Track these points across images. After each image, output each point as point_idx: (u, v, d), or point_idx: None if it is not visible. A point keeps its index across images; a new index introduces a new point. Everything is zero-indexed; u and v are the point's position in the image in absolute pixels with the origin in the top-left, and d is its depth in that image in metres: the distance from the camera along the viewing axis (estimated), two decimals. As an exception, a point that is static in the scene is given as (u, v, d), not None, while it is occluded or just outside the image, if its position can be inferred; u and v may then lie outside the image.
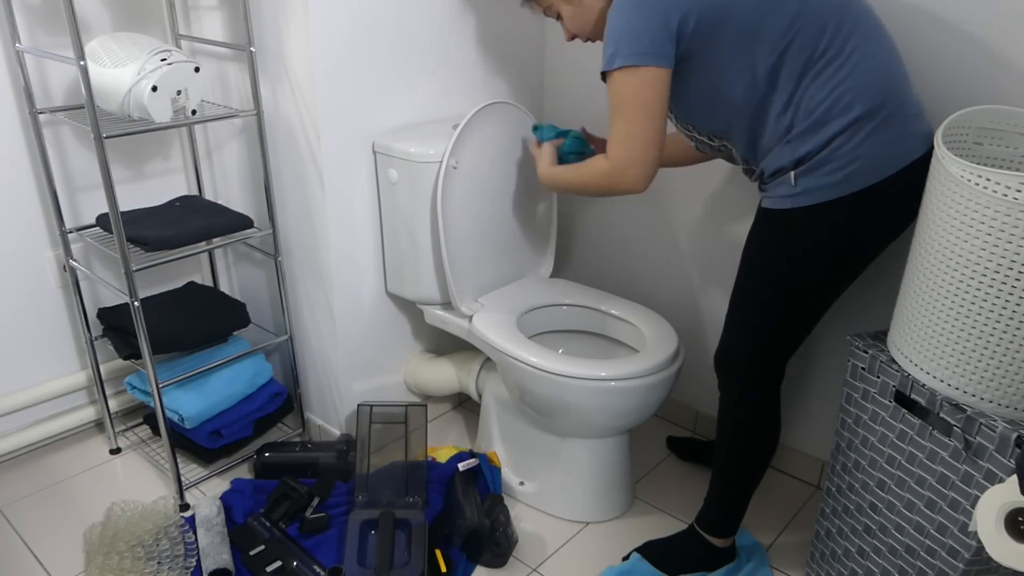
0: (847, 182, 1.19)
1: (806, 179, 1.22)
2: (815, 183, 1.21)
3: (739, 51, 1.20)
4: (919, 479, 1.23)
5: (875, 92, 1.17)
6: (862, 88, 1.17)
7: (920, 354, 1.19)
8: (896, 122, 1.18)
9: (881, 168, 1.19)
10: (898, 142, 1.19)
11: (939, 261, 1.13)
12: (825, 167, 1.20)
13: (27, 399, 1.84)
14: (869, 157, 1.18)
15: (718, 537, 1.53)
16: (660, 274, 1.99)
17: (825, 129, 1.19)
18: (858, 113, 1.17)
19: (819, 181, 1.21)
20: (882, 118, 1.18)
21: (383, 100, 1.69)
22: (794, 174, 1.23)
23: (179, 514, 1.65)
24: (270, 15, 1.58)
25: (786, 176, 1.24)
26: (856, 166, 1.18)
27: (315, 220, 1.70)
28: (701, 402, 2.04)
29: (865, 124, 1.17)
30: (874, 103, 1.17)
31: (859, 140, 1.18)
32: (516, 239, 1.86)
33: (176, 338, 1.70)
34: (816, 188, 1.21)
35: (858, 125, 1.17)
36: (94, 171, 1.82)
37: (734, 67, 1.22)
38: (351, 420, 1.90)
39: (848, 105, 1.17)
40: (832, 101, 1.18)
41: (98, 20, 1.73)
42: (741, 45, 1.20)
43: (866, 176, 1.19)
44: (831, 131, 1.18)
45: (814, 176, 1.21)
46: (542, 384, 1.55)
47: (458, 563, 1.55)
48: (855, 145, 1.18)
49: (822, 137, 1.19)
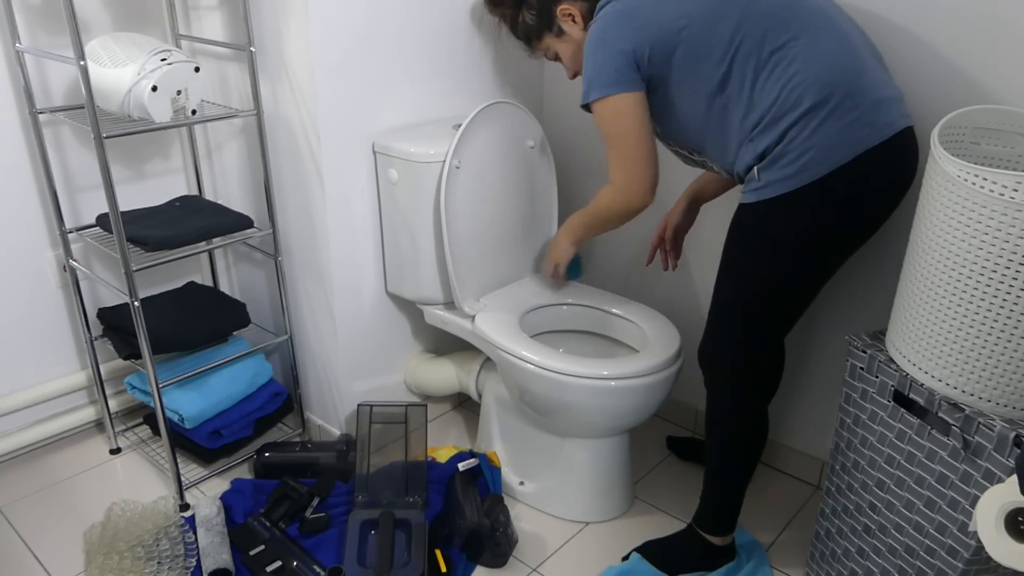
0: (803, 172, 1.23)
1: (767, 172, 1.27)
2: (775, 176, 1.26)
3: (693, 69, 1.30)
4: (918, 479, 1.23)
5: (822, 84, 1.21)
6: (810, 82, 1.21)
7: (918, 353, 1.19)
8: (847, 111, 1.21)
9: (834, 156, 1.22)
10: (850, 130, 1.22)
11: (937, 260, 1.13)
12: (782, 159, 1.24)
13: (27, 399, 1.84)
14: (821, 146, 1.22)
15: (716, 535, 1.53)
16: (660, 273, 1.99)
17: (780, 124, 1.24)
18: (807, 105, 1.21)
19: (778, 173, 1.25)
20: (831, 108, 1.21)
21: (383, 100, 1.69)
22: (757, 169, 1.28)
23: (179, 514, 1.65)
24: (270, 15, 1.58)
25: (752, 172, 1.30)
26: (810, 156, 1.22)
27: (315, 220, 1.70)
28: (701, 402, 2.04)
29: (815, 115, 1.21)
30: (822, 94, 1.21)
31: (811, 131, 1.22)
32: (517, 239, 1.86)
33: (176, 338, 1.71)
34: (776, 180, 1.26)
35: (809, 116, 1.22)
36: (94, 171, 1.82)
37: (692, 84, 1.32)
38: (351, 420, 1.90)
39: (798, 99, 1.22)
40: (783, 97, 1.23)
41: (98, 20, 1.74)
42: (693, 64, 1.30)
43: (821, 165, 1.22)
44: (785, 125, 1.23)
45: (773, 169, 1.26)
46: (542, 384, 1.55)
47: (458, 563, 1.55)
48: (807, 136, 1.22)
49: (777, 131, 1.24)
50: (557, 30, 1.53)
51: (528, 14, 1.56)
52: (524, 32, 1.59)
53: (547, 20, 1.53)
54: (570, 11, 1.49)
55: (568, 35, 1.52)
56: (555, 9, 1.50)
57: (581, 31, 1.49)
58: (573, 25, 1.50)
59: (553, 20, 1.52)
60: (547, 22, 1.53)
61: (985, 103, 1.37)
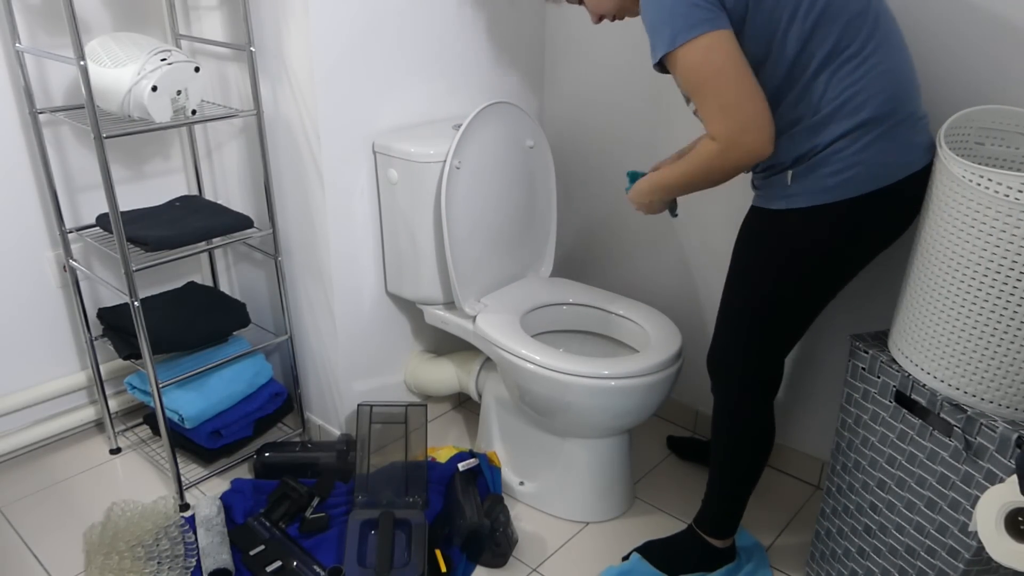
0: (844, 187, 1.17)
1: (803, 180, 1.20)
2: (812, 185, 1.19)
3: (768, 34, 1.15)
4: (919, 479, 1.23)
5: (886, 98, 1.14)
6: (875, 91, 1.14)
7: (921, 354, 1.19)
8: (902, 132, 1.16)
9: (880, 176, 1.16)
10: (901, 152, 1.16)
11: (941, 261, 1.13)
12: (824, 168, 1.17)
13: (27, 399, 1.84)
14: (870, 164, 1.15)
15: (717, 538, 1.53)
16: (660, 273, 1.99)
17: (830, 128, 1.16)
18: (866, 117, 1.14)
19: (815, 183, 1.18)
20: (889, 125, 1.15)
21: (383, 100, 1.69)
22: (791, 173, 1.21)
23: (179, 514, 1.65)
24: (270, 15, 1.58)
25: (782, 174, 1.22)
26: (855, 171, 1.16)
27: (315, 220, 1.70)
28: (701, 402, 2.04)
29: (871, 129, 1.14)
30: (883, 109, 1.14)
31: (862, 145, 1.15)
32: (517, 239, 1.86)
33: (176, 338, 1.70)
34: (812, 190, 1.19)
35: (864, 129, 1.14)
36: (94, 171, 1.82)
37: (761, 49, 1.16)
38: (351, 420, 1.90)
39: (858, 107, 1.14)
40: (843, 100, 1.14)
41: (98, 20, 1.73)
42: (771, 28, 1.14)
43: (864, 183, 1.16)
44: (836, 132, 1.15)
45: (811, 177, 1.19)
46: (542, 384, 1.55)
47: (458, 563, 1.55)
48: (858, 150, 1.15)
49: (826, 137, 1.16)
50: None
51: None
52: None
53: None
54: None
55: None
56: None
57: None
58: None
59: None
60: None
61: (990, 104, 1.36)
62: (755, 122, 1.13)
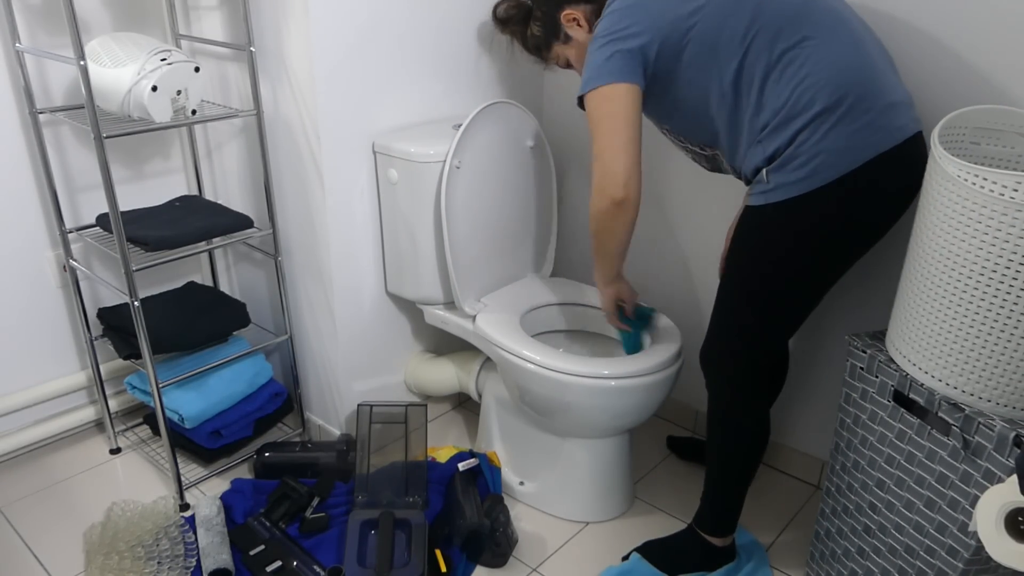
0: (814, 176, 1.22)
1: (776, 175, 1.25)
2: (784, 179, 1.24)
3: (703, 66, 1.28)
4: (918, 479, 1.23)
5: (835, 87, 1.19)
6: (822, 84, 1.20)
7: (918, 353, 1.19)
8: (858, 115, 1.20)
9: (845, 160, 1.21)
10: (862, 134, 1.20)
11: (937, 260, 1.13)
12: (792, 162, 1.23)
13: (27, 399, 1.84)
14: (832, 150, 1.20)
15: (716, 536, 1.53)
16: (660, 273, 1.99)
17: (790, 126, 1.22)
18: (819, 108, 1.20)
19: (788, 176, 1.24)
20: (842, 112, 1.20)
21: (383, 100, 1.69)
22: (766, 171, 1.27)
23: (179, 514, 1.65)
24: (270, 15, 1.58)
25: (761, 174, 1.28)
26: (820, 159, 1.21)
27: (315, 220, 1.70)
28: (701, 402, 2.04)
29: (827, 118, 1.20)
30: (834, 97, 1.19)
31: (822, 134, 1.20)
32: (517, 239, 1.86)
33: (176, 338, 1.71)
34: (786, 183, 1.24)
35: (820, 119, 1.20)
36: (94, 171, 1.82)
37: (701, 81, 1.30)
38: (351, 420, 1.90)
39: (809, 101, 1.20)
40: (795, 99, 1.21)
41: (98, 20, 1.74)
42: (703, 60, 1.28)
43: (831, 169, 1.21)
44: (795, 127, 1.22)
45: (783, 172, 1.24)
46: (542, 384, 1.55)
47: (458, 563, 1.55)
48: (818, 139, 1.20)
49: (788, 134, 1.23)
50: (564, 36, 1.52)
51: (535, 26, 1.57)
52: (534, 44, 1.60)
53: (553, 28, 1.53)
54: (574, 16, 1.49)
55: (575, 40, 1.51)
56: (559, 16, 1.50)
57: (587, 34, 1.49)
58: (579, 29, 1.50)
59: (559, 27, 1.52)
60: (553, 30, 1.53)
61: (985, 103, 1.36)
62: (615, 165, 1.29)
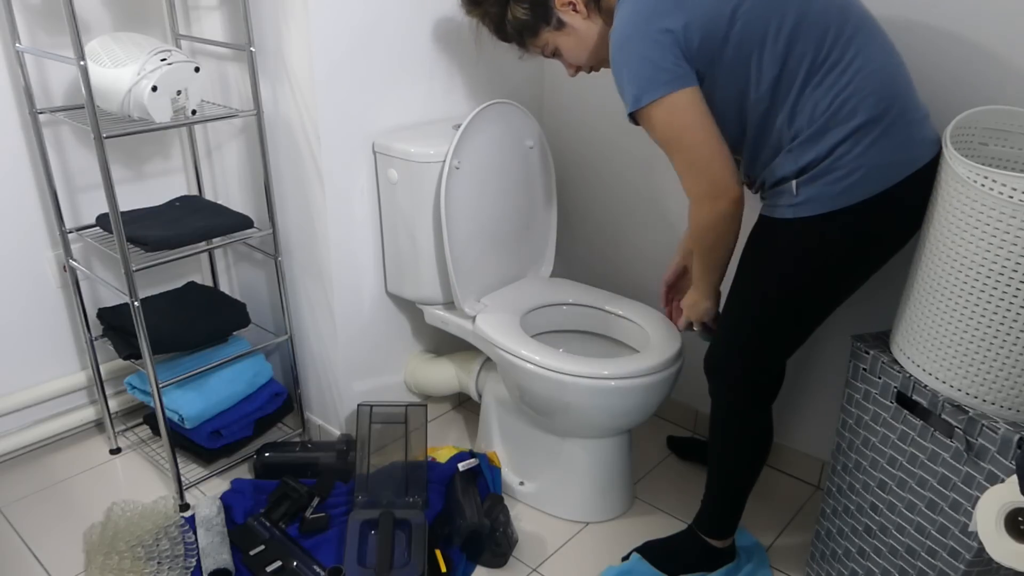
0: (851, 191, 1.16)
1: (808, 188, 1.19)
2: (817, 192, 1.18)
3: (741, 65, 1.18)
4: (920, 480, 1.22)
5: (878, 98, 1.14)
6: (865, 94, 1.14)
7: (923, 355, 1.19)
8: (900, 129, 1.15)
9: (885, 177, 1.16)
10: (903, 149, 1.16)
11: (944, 262, 1.13)
12: (828, 176, 1.17)
13: (27, 399, 1.84)
14: (873, 165, 1.15)
15: (716, 538, 1.53)
16: (660, 273, 1.99)
17: (828, 137, 1.16)
18: (861, 120, 1.14)
19: (822, 191, 1.18)
20: (886, 125, 1.15)
21: (383, 100, 1.69)
22: (796, 183, 1.20)
23: (179, 514, 1.65)
24: (270, 15, 1.57)
25: (788, 185, 1.22)
26: (860, 175, 1.15)
27: (315, 220, 1.70)
28: (701, 402, 2.04)
29: (869, 131, 1.14)
30: (877, 110, 1.14)
31: (863, 148, 1.15)
32: (517, 239, 1.86)
33: (176, 338, 1.70)
34: (819, 197, 1.18)
35: (861, 132, 1.14)
36: (94, 171, 1.82)
37: (737, 82, 1.20)
38: (351, 420, 1.90)
39: (851, 112, 1.14)
40: (835, 109, 1.15)
41: (98, 20, 1.73)
42: (743, 59, 1.18)
43: (870, 185, 1.16)
44: (834, 139, 1.15)
45: (816, 185, 1.18)
46: (542, 384, 1.55)
47: (458, 563, 1.55)
48: (858, 154, 1.15)
49: (824, 146, 1.16)
50: (556, 22, 1.38)
51: (519, 8, 1.39)
52: (516, 28, 1.42)
53: (543, 13, 1.38)
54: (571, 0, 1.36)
55: (570, 26, 1.38)
56: None
57: (585, 20, 1.37)
58: (575, 15, 1.37)
59: (551, 12, 1.37)
60: (543, 15, 1.38)
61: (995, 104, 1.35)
62: (720, 174, 1.20)
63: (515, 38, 1.45)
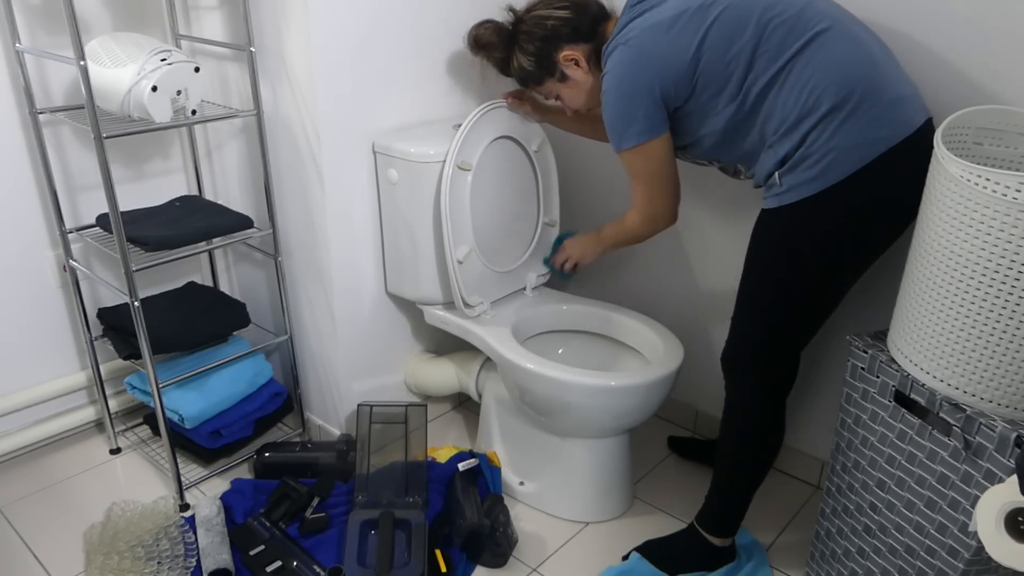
0: (825, 175, 1.22)
1: (788, 177, 1.27)
2: (796, 180, 1.25)
3: (713, 94, 1.31)
4: (919, 479, 1.23)
5: (840, 85, 1.21)
6: (827, 84, 1.21)
7: (920, 354, 1.19)
8: (867, 110, 1.21)
9: (856, 157, 1.21)
10: (871, 129, 1.21)
11: (939, 261, 1.13)
12: (804, 163, 1.24)
13: (27, 399, 1.84)
14: (843, 147, 1.21)
15: (718, 537, 1.53)
16: (660, 272, 1.99)
17: (799, 128, 1.24)
18: (826, 108, 1.21)
19: (799, 177, 1.25)
20: (851, 108, 1.20)
21: (383, 100, 1.69)
22: (778, 174, 1.28)
23: (179, 514, 1.65)
24: (270, 15, 1.58)
25: (773, 177, 1.29)
26: (832, 157, 1.22)
27: (315, 220, 1.70)
28: (701, 402, 2.04)
29: (835, 117, 1.21)
30: (840, 95, 1.20)
31: (831, 133, 1.21)
32: (517, 239, 1.86)
33: (176, 338, 1.70)
34: (798, 184, 1.25)
35: (829, 118, 1.21)
36: (94, 171, 1.82)
37: (713, 106, 1.33)
38: (351, 420, 1.90)
39: (816, 102, 1.22)
40: (802, 102, 1.23)
41: (98, 20, 1.73)
42: (713, 89, 1.31)
43: (843, 166, 1.22)
44: (804, 129, 1.23)
45: (794, 173, 1.25)
46: (542, 384, 1.55)
47: (458, 563, 1.55)
48: (828, 138, 1.21)
49: (798, 136, 1.24)
50: (560, 75, 1.51)
51: (525, 59, 1.52)
52: (520, 76, 1.56)
53: (548, 66, 1.51)
54: (574, 56, 1.47)
55: (572, 79, 1.51)
56: (556, 55, 1.49)
57: (585, 74, 1.49)
58: (577, 69, 1.49)
59: (555, 66, 1.50)
60: (548, 68, 1.51)
61: (988, 104, 1.36)
62: (668, 209, 1.50)
63: (519, 81, 1.60)
